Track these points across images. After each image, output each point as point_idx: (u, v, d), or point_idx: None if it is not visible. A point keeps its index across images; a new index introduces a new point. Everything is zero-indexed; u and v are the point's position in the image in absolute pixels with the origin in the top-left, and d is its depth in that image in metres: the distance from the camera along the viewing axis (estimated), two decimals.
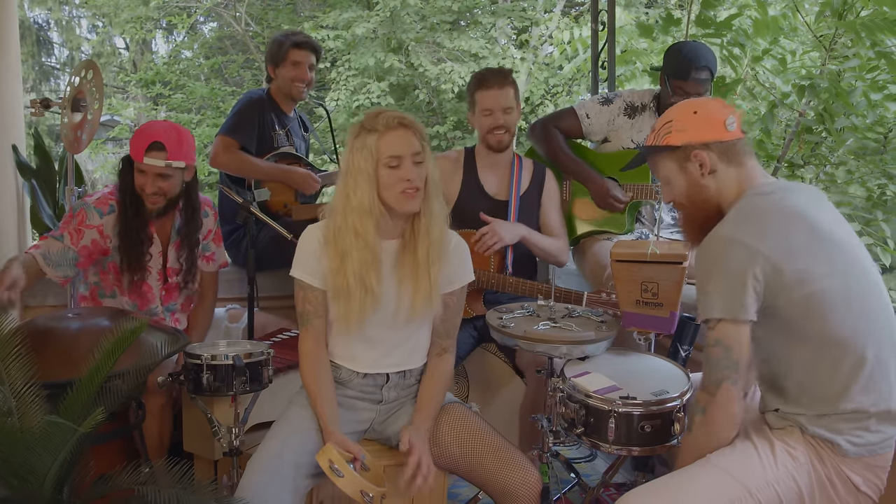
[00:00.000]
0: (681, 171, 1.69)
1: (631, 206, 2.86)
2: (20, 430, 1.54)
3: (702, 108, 1.70)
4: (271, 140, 3.07)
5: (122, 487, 1.63)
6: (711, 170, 1.66)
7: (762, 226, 1.57)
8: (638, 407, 1.81)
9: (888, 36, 3.60)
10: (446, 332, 1.97)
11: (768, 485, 1.54)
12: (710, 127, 1.66)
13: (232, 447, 2.04)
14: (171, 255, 2.54)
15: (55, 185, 3.43)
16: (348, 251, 1.81)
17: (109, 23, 12.63)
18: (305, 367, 1.88)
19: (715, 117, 1.67)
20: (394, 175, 1.79)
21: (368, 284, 1.81)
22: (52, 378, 1.67)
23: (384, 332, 1.90)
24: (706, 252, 1.61)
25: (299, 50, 3.04)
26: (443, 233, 1.89)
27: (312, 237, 1.88)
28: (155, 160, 2.32)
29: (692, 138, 1.66)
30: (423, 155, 1.81)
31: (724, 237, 1.58)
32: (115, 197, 2.43)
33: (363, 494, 1.68)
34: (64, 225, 2.38)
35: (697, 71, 2.70)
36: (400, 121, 1.81)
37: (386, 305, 1.87)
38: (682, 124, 1.68)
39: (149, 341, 1.97)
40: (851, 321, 1.55)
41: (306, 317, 1.89)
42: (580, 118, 2.94)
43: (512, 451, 1.86)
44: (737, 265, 1.54)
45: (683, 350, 2.20)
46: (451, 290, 1.94)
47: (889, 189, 3.98)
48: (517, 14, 11.31)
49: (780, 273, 1.53)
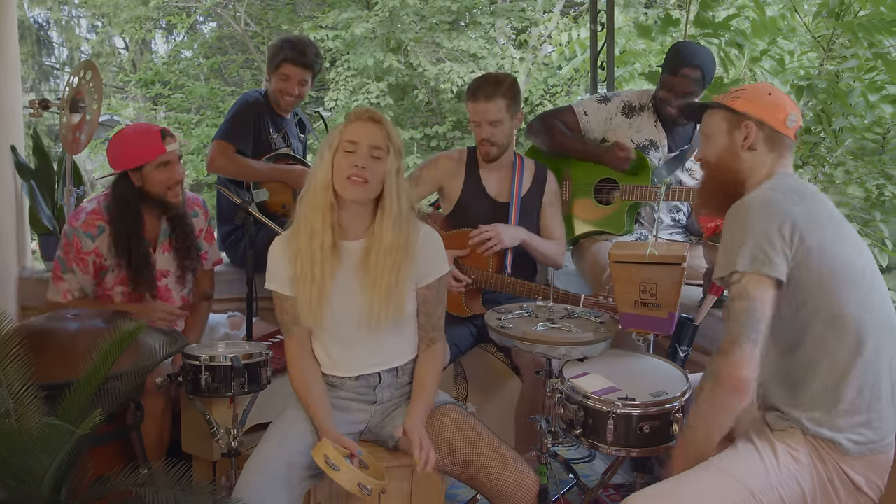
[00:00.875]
0: (727, 132, 1.73)
1: (630, 206, 2.86)
2: (18, 431, 1.54)
3: (777, 94, 1.74)
4: (268, 143, 3.06)
5: (120, 489, 1.63)
6: (752, 146, 1.70)
7: (792, 196, 1.60)
8: (636, 408, 1.81)
9: (886, 37, 3.60)
10: (431, 325, 1.98)
11: (772, 487, 1.54)
12: (774, 112, 1.70)
13: (230, 448, 2.04)
14: (159, 259, 2.51)
15: (54, 185, 3.42)
16: (302, 247, 1.85)
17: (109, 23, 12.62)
18: (293, 375, 1.92)
19: (782, 108, 1.71)
20: (346, 159, 1.82)
21: (315, 275, 1.83)
22: (50, 379, 1.67)
23: (356, 333, 1.90)
24: (736, 213, 1.61)
25: (292, 66, 2.98)
26: (407, 234, 1.88)
27: (279, 247, 1.92)
28: (173, 145, 2.37)
29: (753, 111, 1.70)
30: (382, 151, 1.83)
31: (756, 198, 1.61)
32: (101, 216, 2.40)
33: (361, 487, 1.67)
34: (66, 258, 2.40)
35: (689, 69, 2.71)
36: (371, 115, 1.85)
37: (350, 306, 1.87)
38: (753, 97, 1.73)
39: (147, 342, 1.97)
40: (856, 305, 1.56)
41: (286, 325, 1.94)
42: (578, 115, 2.94)
43: (508, 453, 1.86)
44: (767, 223, 1.55)
45: (682, 351, 2.20)
46: (427, 283, 1.94)
47: (887, 190, 3.97)
48: (516, 14, 11.31)
49: (804, 241, 1.54)
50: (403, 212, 1.87)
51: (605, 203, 2.93)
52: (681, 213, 2.98)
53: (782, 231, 1.54)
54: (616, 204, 2.89)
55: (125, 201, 2.38)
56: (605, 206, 2.92)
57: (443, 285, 2.00)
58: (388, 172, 1.84)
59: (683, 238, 2.96)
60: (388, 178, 1.85)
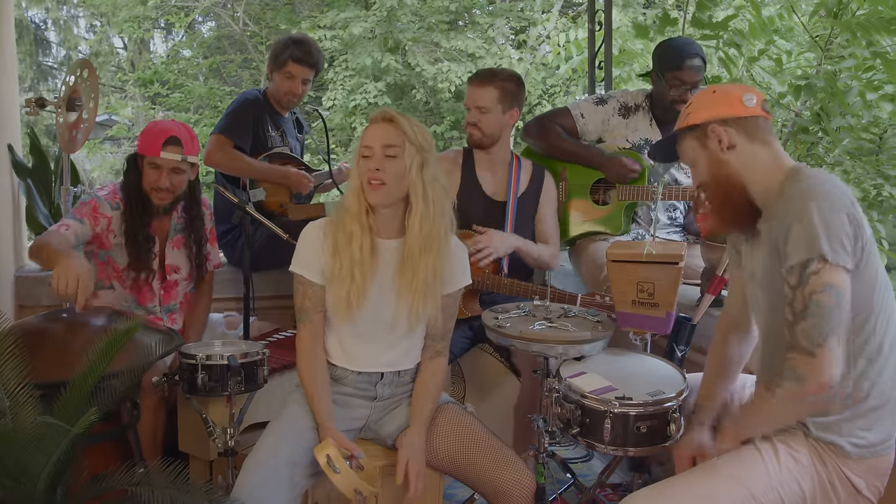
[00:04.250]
0: (702, 148, 1.68)
1: (627, 206, 2.86)
2: (13, 430, 1.54)
3: (720, 88, 1.71)
4: (265, 140, 3.07)
5: (115, 488, 1.62)
6: (730, 145, 1.64)
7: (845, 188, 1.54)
8: (634, 407, 1.80)
9: (884, 36, 3.60)
10: (440, 334, 1.97)
11: (772, 488, 1.53)
12: (727, 103, 1.65)
13: (227, 448, 2.03)
14: (168, 253, 2.55)
15: (51, 184, 3.42)
16: (342, 246, 1.85)
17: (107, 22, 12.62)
18: (303, 364, 1.89)
19: (732, 94, 1.66)
20: (364, 165, 1.84)
21: (355, 276, 1.83)
22: (45, 378, 1.66)
23: (380, 330, 1.90)
24: (797, 187, 1.52)
25: (297, 65, 3.02)
26: (437, 230, 1.86)
27: (313, 233, 1.90)
28: (172, 154, 2.39)
29: (711, 115, 1.65)
30: (398, 149, 1.82)
31: (815, 173, 1.53)
32: (118, 196, 2.47)
33: (357, 493, 1.68)
34: (80, 210, 2.42)
35: (690, 58, 2.72)
36: (383, 115, 1.86)
37: (384, 305, 1.88)
38: (701, 104, 1.69)
39: (143, 341, 1.96)
40: (874, 301, 1.53)
41: (305, 312, 1.90)
42: (575, 118, 2.94)
43: (506, 452, 1.86)
44: (837, 193, 1.47)
45: (679, 350, 2.20)
46: (447, 292, 1.94)
47: (885, 190, 3.97)
48: (515, 14, 11.31)
49: (861, 228, 1.48)
50: (433, 207, 1.84)
51: (601, 203, 2.92)
52: (677, 212, 2.97)
53: (850, 212, 1.47)
54: (613, 204, 2.89)
55: (129, 183, 2.47)
56: (601, 207, 2.92)
57: (458, 298, 2.00)
58: (408, 169, 1.82)
59: (681, 237, 2.96)
60: (409, 174, 1.83)
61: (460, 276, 1.97)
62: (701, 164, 1.70)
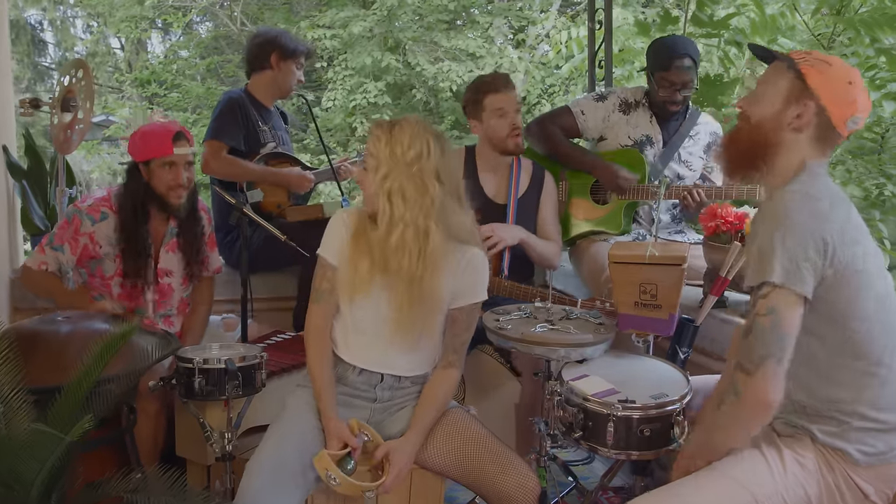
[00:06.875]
0: (783, 101, 1.54)
1: (627, 206, 2.84)
2: (7, 436, 1.52)
3: (855, 86, 1.54)
4: (257, 136, 3.05)
5: (111, 494, 1.60)
6: (799, 127, 1.54)
7: (831, 200, 1.51)
8: (637, 410, 1.78)
9: (888, 33, 3.57)
10: (454, 347, 1.96)
11: (777, 493, 1.51)
12: (842, 106, 1.52)
13: (225, 452, 2.01)
14: (163, 257, 2.52)
15: (46, 186, 3.40)
16: (358, 235, 1.90)
17: (104, 22, 12.57)
18: (311, 340, 1.92)
19: (852, 105, 1.53)
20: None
21: (356, 265, 1.87)
22: (40, 383, 1.64)
23: (380, 328, 1.89)
24: (773, 206, 1.50)
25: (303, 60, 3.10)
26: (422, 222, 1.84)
27: (340, 220, 1.95)
28: (183, 149, 2.40)
29: (821, 92, 1.52)
30: (370, 161, 1.86)
31: (798, 191, 1.49)
32: (109, 203, 2.44)
33: (364, 492, 1.71)
34: (60, 234, 2.42)
35: (679, 59, 2.70)
36: None
37: (382, 298, 1.87)
38: (832, 77, 1.53)
39: (140, 345, 1.94)
40: (875, 322, 1.51)
41: (321, 293, 1.93)
42: (575, 116, 2.92)
43: (510, 456, 1.85)
44: (808, 222, 1.44)
45: (682, 352, 2.17)
46: (459, 305, 1.92)
47: (887, 189, 3.96)
48: (514, 13, 11.28)
49: (835, 253, 1.45)
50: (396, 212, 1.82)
51: (601, 203, 2.90)
52: (677, 208, 2.95)
53: (822, 236, 1.44)
54: (613, 203, 2.87)
55: (132, 191, 2.44)
56: (602, 206, 2.90)
57: (475, 313, 1.98)
58: (375, 181, 1.84)
59: (683, 238, 2.94)
60: (375, 184, 1.84)
61: (475, 291, 1.94)
62: (765, 107, 1.57)
